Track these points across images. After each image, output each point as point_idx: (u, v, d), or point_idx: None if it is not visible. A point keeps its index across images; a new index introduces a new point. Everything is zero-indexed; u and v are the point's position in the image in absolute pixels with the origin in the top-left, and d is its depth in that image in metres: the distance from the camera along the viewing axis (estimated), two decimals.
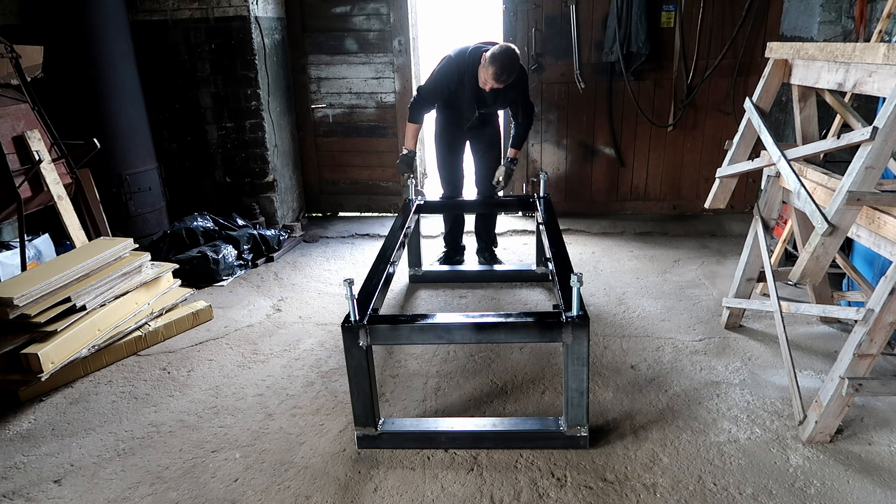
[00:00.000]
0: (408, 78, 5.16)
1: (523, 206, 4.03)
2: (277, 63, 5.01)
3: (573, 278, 2.20)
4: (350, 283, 2.21)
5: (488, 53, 3.43)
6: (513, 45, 3.47)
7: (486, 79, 3.46)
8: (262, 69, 4.77)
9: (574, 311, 2.22)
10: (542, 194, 3.78)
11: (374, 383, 2.40)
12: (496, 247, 4.34)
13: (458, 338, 2.35)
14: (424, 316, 2.37)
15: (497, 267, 4.22)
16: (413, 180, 3.91)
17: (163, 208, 4.57)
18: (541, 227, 3.41)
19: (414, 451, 2.41)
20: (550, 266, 2.74)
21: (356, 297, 2.27)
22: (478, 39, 3.67)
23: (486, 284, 4.00)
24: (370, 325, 2.26)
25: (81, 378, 3.03)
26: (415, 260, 4.05)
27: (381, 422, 2.46)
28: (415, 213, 3.71)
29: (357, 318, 2.26)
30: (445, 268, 4.23)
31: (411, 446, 2.43)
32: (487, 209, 4.18)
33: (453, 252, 4.32)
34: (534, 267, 4.08)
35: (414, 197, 3.84)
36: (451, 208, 4.14)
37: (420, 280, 4.10)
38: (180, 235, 4.35)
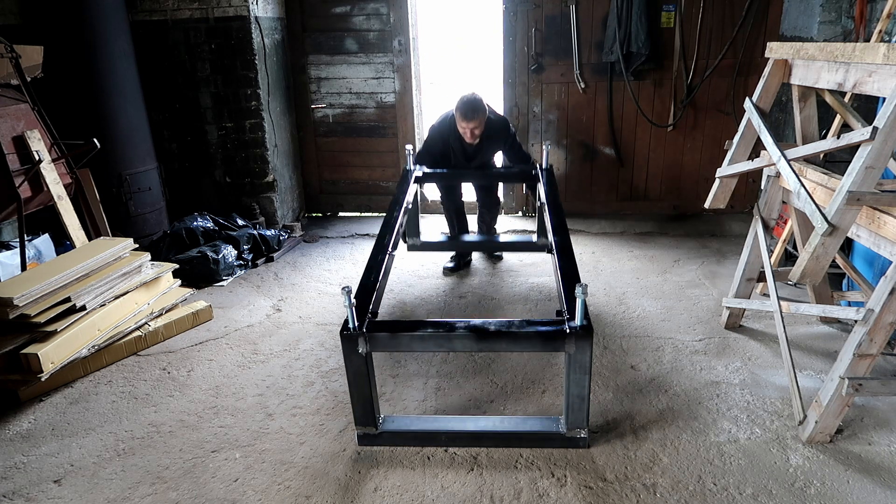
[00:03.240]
0: (408, 78, 5.16)
1: (525, 178, 3.92)
2: (277, 63, 5.01)
3: (578, 290, 2.13)
4: (348, 291, 2.17)
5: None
6: (475, 92, 3.71)
7: (461, 125, 3.70)
8: (262, 69, 4.77)
9: (578, 321, 2.18)
10: (544, 165, 3.74)
11: (374, 386, 2.40)
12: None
13: (459, 347, 2.34)
14: (425, 324, 2.32)
15: (500, 238, 4.28)
16: (411, 148, 3.85)
17: (163, 208, 4.58)
18: (541, 198, 3.34)
19: (414, 451, 2.41)
20: (554, 261, 2.72)
21: (354, 304, 2.23)
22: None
23: (486, 281, 4.00)
24: (369, 333, 2.22)
25: (81, 378, 3.03)
26: (413, 230, 4.04)
27: (381, 420, 2.46)
28: (414, 182, 3.69)
29: (356, 325, 2.22)
30: (443, 237, 4.25)
31: (411, 444, 2.44)
32: (487, 181, 4.11)
33: (462, 255, 4.35)
34: (534, 238, 4.06)
35: (412, 167, 3.78)
36: (450, 178, 4.06)
37: (419, 249, 4.14)
38: (180, 235, 4.35)
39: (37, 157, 3.36)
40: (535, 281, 4.04)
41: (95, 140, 3.65)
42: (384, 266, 2.67)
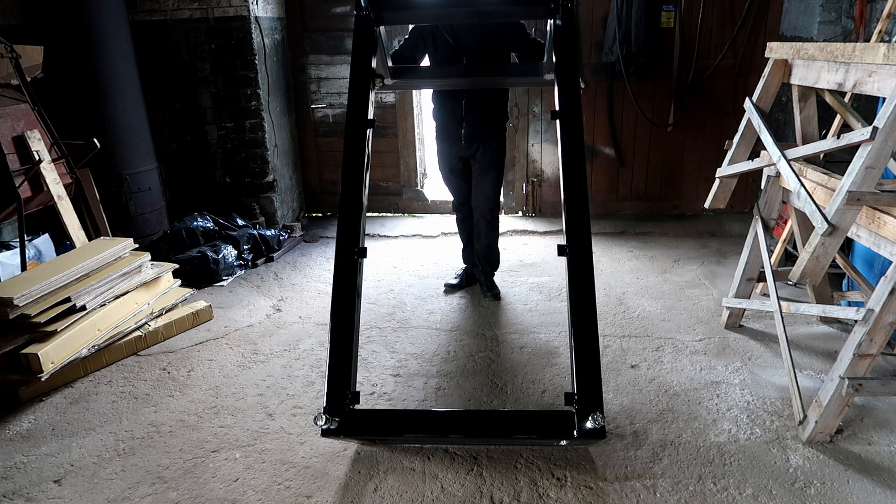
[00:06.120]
0: None
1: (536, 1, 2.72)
2: (277, 63, 5.01)
3: (591, 420, 1.93)
4: (320, 420, 2.03)
5: None
6: None
7: None
8: (262, 69, 4.77)
9: (589, 426, 1.97)
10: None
11: None
12: (496, 268, 3.85)
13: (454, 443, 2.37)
14: (414, 421, 2.18)
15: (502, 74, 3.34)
16: None
17: (163, 208, 4.57)
18: (551, 37, 2.65)
19: (414, 450, 2.41)
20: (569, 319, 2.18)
21: (330, 417, 2.05)
22: None
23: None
24: (349, 437, 2.11)
25: (81, 378, 3.03)
26: (384, 70, 3.03)
27: None
28: (372, 27, 2.51)
29: (333, 427, 2.06)
30: (423, 67, 3.44)
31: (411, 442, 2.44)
32: (481, 19, 3.02)
33: (469, 274, 3.98)
34: (544, 72, 3.12)
35: (366, 6, 2.48)
36: (424, 16, 3.02)
37: (391, 88, 3.89)
38: (180, 235, 4.35)
39: (37, 157, 3.36)
40: (535, 280, 4.04)
41: (95, 140, 3.65)
42: (355, 325, 2.21)
